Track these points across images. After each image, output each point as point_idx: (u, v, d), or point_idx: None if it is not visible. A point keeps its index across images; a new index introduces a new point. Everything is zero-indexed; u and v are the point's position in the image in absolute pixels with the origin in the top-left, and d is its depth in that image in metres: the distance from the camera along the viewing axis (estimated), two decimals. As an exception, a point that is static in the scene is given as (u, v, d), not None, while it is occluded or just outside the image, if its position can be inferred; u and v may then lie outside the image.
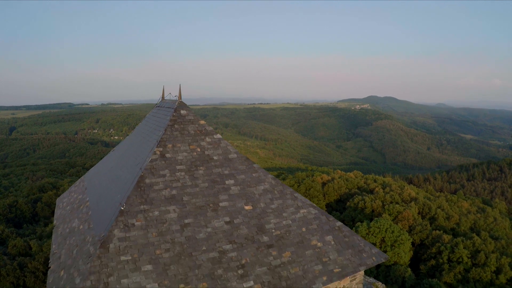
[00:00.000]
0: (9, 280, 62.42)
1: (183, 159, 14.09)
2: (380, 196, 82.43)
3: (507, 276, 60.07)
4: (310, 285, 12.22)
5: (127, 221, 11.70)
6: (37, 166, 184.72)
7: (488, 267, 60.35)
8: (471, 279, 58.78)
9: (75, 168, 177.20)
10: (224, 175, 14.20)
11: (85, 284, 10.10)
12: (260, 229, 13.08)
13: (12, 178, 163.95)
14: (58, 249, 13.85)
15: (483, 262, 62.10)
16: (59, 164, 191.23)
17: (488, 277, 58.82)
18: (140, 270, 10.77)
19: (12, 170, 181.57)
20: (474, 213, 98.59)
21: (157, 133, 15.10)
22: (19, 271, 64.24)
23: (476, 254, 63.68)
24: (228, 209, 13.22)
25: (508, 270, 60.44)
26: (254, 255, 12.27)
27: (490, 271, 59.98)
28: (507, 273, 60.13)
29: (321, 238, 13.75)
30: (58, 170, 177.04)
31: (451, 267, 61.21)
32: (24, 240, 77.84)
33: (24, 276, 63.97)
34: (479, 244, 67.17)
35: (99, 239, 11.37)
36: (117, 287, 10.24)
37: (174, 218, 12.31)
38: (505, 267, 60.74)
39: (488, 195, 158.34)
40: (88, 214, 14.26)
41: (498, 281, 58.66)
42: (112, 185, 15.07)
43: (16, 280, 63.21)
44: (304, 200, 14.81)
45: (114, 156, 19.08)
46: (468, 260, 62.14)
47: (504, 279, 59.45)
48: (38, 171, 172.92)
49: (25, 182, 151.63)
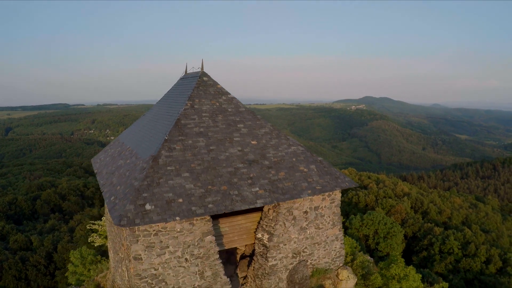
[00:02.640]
0: (11, 273, 63.60)
1: (207, 109, 19.14)
2: (373, 191, 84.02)
3: (497, 266, 61.76)
4: (298, 194, 17.28)
5: (170, 146, 16.76)
6: (34, 166, 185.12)
7: (478, 258, 62.02)
8: (461, 269, 60.39)
9: (72, 167, 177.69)
10: (236, 121, 19.30)
11: (143, 183, 14.97)
12: (262, 156, 18.14)
13: (9, 177, 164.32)
14: (107, 180, 18.35)
15: (473, 253, 63.73)
16: (56, 163, 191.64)
17: (478, 267, 60.50)
18: (180, 175, 15.88)
19: (9, 169, 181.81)
20: (466, 208, 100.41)
21: (186, 93, 19.89)
22: (21, 264, 65.50)
23: (466, 246, 65.32)
24: (240, 142, 18.34)
25: (497, 261, 62.13)
26: (259, 172, 17.32)
27: (480, 261, 61.66)
28: (497, 263, 61.83)
29: (307, 166, 18.73)
30: (55, 169, 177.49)
31: (442, 258, 62.81)
32: (25, 235, 79.06)
33: (26, 269, 65.22)
34: (470, 236, 68.84)
35: (151, 156, 16.21)
36: (165, 186, 15.25)
37: (202, 145, 17.42)
38: (495, 258, 62.42)
39: (481, 192, 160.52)
40: (132, 153, 18.91)
41: (488, 271, 60.31)
42: (150, 132, 19.94)
43: (18, 273, 64.42)
44: (294, 141, 19.76)
45: (147, 116, 24.08)
46: (459, 251, 63.75)
47: (493, 269, 61.11)
48: (36, 171, 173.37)
49: (22, 181, 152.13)
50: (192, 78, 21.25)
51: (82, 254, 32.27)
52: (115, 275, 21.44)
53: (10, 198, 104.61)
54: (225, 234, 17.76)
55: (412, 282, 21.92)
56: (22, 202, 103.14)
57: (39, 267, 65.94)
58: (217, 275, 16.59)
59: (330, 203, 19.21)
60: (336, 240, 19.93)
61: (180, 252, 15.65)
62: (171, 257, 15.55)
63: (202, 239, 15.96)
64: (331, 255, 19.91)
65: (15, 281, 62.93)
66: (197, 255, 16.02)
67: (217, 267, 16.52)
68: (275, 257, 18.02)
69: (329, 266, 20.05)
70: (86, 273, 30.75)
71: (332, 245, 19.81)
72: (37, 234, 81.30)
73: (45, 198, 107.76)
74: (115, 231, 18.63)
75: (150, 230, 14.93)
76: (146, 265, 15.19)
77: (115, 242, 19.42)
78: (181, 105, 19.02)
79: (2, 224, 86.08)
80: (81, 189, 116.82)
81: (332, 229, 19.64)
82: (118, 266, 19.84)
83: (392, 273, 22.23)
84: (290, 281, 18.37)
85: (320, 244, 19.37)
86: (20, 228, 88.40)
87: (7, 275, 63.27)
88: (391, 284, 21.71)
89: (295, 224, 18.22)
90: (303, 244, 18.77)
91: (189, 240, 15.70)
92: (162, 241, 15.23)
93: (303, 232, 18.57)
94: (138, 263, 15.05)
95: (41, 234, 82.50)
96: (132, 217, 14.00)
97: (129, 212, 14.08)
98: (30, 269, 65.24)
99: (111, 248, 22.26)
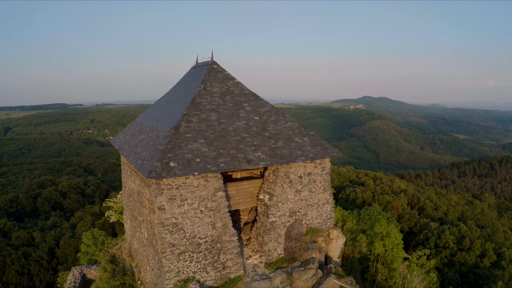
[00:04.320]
0: (14, 268, 64.34)
1: (217, 91, 22.66)
2: (370, 188, 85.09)
3: (491, 260, 62.91)
4: (294, 160, 20.73)
5: (188, 119, 20.32)
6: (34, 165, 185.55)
7: (473, 252, 63.17)
8: (456, 263, 61.52)
9: (71, 166, 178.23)
10: (241, 101, 22.89)
11: (167, 146, 18.40)
12: (264, 129, 21.62)
13: (9, 176, 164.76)
14: (131, 151, 21.92)
15: (468, 247, 64.90)
16: (56, 163, 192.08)
17: (473, 261, 61.64)
18: (197, 141, 19.38)
19: (9, 168, 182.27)
20: (462, 205, 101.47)
21: (200, 78, 23.45)
22: (24, 260, 66.31)
23: (461, 240, 66.48)
24: (245, 118, 21.88)
25: (492, 254, 63.29)
26: (261, 141, 20.81)
27: (475, 255, 62.80)
28: (491, 257, 62.98)
29: (301, 138, 22.18)
30: (55, 168, 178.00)
31: (438, 252, 63.93)
32: (27, 232, 79.89)
33: (29, 264, 65.93)
34: (465, 231, 70.01)
35: (173, 126, 19.70)
36: (185, 149, 18.78)
37: (214, 119, 20.95)
38: (489, 252, 63.57)
39: (478, 190, 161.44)
40: (153, 128, 22.33)
41: (482, 264, 61.47)
42: (168, 110, 23.57)
43: (20, 268, 65.15)
44: (290, 118, 23.15)
45: (161, 101, 27.62)
46: (454, 245, 64.89)
47: (488, 263, 62.27)
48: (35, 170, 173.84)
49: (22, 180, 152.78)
50: (203, 66, 24.81)
51: (94, 235, 34.40)
52: (132, 242, 25.46)
53: (11, 196, 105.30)
54: (232, 196, 21.12)
55: (394, 239, 24.33)
56: (23, 200, 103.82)
57: (42, 262, 66.74)
58: (227, 226, 19.74)
59: (321, 171, 22.50)
60: (327, 203, 23.09)
61: (196, 204, 18.91)
62: (189, 208, 18.78)
63: (215, 194, 19.29)
64: (322, 217, 23.03)
65: (18, 276, 63.66)
66: (210, 208, 19.28)
67: (227, 219, 19.75)
68: (275, 214, 21.27)
69: (321, 226, 22.96)
70: (97, 253, 32.52)
71: (323, 208, 22.96)
72: (39, 231, 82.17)
73: (46, 196, 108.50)
74: (135, 199, 22.61)
75: (173, 185, 18.20)
76: (168, 214, 18.35)
77: (134, 209, 23.39)
78: (196, 87, 22.47)
79: (3, 221, 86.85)
80: (81, 187, 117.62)
81: (323, 193, 22.78)
82: (135, 231, 23.86)
83: (376, 231, 24.96)
84: (288, 237, 21.48)
85: (313, 206, 22.52)
86: (21, 225, 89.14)
87: (10, 270, 64.02)
88: (376, 241, 24.33)
89: (291, 187, 21.56)
90: (298, 205, 22.00)
91: (204, 194, 19.04)
92: (182, 194, 18.49)
93: (298, 194, 21.89)
94: (162, 213, 18.22)
95: (43, 230, 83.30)
96: (159, 172, 17.31)
97: (157, 167, 17.38)
98: (33, 264, 66.01)
99: (128, 218, 26.35)
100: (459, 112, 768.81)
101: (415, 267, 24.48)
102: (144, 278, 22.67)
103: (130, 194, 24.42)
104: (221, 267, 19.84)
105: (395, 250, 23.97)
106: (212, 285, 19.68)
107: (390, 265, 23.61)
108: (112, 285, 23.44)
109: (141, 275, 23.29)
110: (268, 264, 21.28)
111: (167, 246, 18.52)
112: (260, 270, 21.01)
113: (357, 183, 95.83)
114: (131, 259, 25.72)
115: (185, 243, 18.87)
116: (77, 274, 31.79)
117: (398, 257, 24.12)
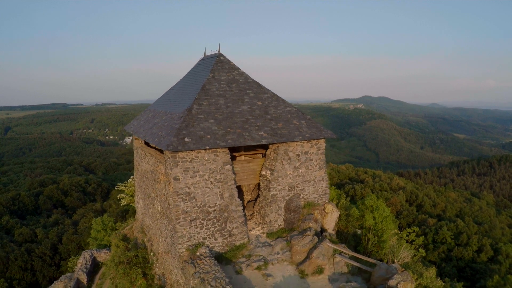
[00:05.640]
0: (17, 264, 65.40)
1: (224, 79, 25.21)
2: (369, 185, 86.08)
3: (488, 255, 63.91)
4: (292, 139, 23.16)
5: (199, 102, 22.77)
6: (35, 164, 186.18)
7: (470, 247, 64.17)
8: (453, 258, 62.52)
9: (72, 165, 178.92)
10: (246, 88, 25.41)
11: (182, 125, 20.83)
12: (266, 112, 24.16)
13: (10, 175, 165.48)
14: (147, 133, 24.38)
15: (465, 242, 65.85)
16: (57, 162, 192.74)
17: (470, 256, 62.64)
18: (208, 121, 21.78)
19: (10, 167, 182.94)
20: (460, 202, 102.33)
21: (208, 68, 25.99)
22: (27, 256, 67.21)
23: (459, 236, 67.46)
24: (249, 102, 24.40)
25: (489, 250, 64.29)
26: (263, 122, 23.27)
27: (472, 250, 63.82)
28: (488, 252, 63.99)
29: (298, 121, 24.53)
30: (56, 167, 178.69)
31: (435, 247, 64.83)
32: (30, 229, 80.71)
33: (32, 260, 66.97)
34: (462, 226, 70.94)
35: (186, 109, 22.22)
36: (197, 127, 21.20)
37: (222, 103, 23.43)
38: (486, 247, 64.57)
39: (477, 188, 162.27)
40: (166, 113, 24.93)
41: (479, 259, 62.43)
42: (180, 97, 26.19)
43: (24, 264, 66.19)
44: (289, 104, 25.74)
45: (172, 90, 30.24)
46: (451, 240, 65.87)
47: (485, 257, 63.28)
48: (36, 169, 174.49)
49: (23, 179, 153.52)
50: (211, 58, 27.67)
51: (103, 221, 36.64)
52: (144, 219, 28.47)
53: (13, 194, 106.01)
54: (237, 173, 23.45)
55: (382, 212, 26.81)
56: (25, 198, 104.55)
57: (45, 258, 67.62)
58: (233, 197, 22.11)
59: (317, 150, 24.90)
60: (322, 180, 25.41)
61: (207, 176, 21.30)
62: (200, 179, 21.18)
63: (223, 167, 21.72)
64: (318, 192, 25.31)
65: (21, 272, 64.49)
66: (219, 180, 21.66)
67: (233, 190, 22.14)
68: (275, 188, 23.63)
69: (317, 201, 25.22)
70: (106, 238, 34.56)
71: (319, 184, 25.26)
72: (42, 228, 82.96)
73: (48, 194, 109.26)
74: (149, 178, 25.65)
75: (186, 158, 20.70)
76: (182, 184, 20.72)
77: (147, 188, 26.28)
78: (205, 76, 25.12)
79: (6, 218, 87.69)
80: (82, 185, 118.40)
81: (319, 171, 25.14)
82: (148, 209, 26.86)
83: (367, 204, 27.67)
84: (287, 209, 23.88)
85: (309, 182, 24.84)
86: (24, 222, 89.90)
87: (13, 266, 64.85)
88: (366, 213, 26.77)
89: (290, 163, 23.92)
90: (296, 180, 24.32)
91: (213, 167, 21.46)
92: (194, 167, 20.93)
93: (297, 170, 24.24)
94: (177, 183, 20.62)
95: (45, 227, 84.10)
96: (176, 145, 19.76)
97: (174, 142, 19.86)
98: (36, 260, 66.85)
99: (140, 198, 29.35)
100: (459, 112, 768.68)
101: (405, 242, 25.86)
102: (156, 250, 25.00)
103: (144, 174, 27.16)
104: (228, 234, 22.04)
105: (384, 223, 26.11)
106: (220, 251, 21.78)
107: (380, 237, 25.61)
108: (127, 256, 25.58)
109: (153, 247, 25.62)
110: (270, 234, 23.49)
111: (181, 213, 20.80)
112: (263, 239, 23.08)
113: (356, 181, 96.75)
114: (143, 235, 28.10)
115: (196, 210, 21.14)
116: (88, 257, 34.03)
117: (388, 229, 26.18)
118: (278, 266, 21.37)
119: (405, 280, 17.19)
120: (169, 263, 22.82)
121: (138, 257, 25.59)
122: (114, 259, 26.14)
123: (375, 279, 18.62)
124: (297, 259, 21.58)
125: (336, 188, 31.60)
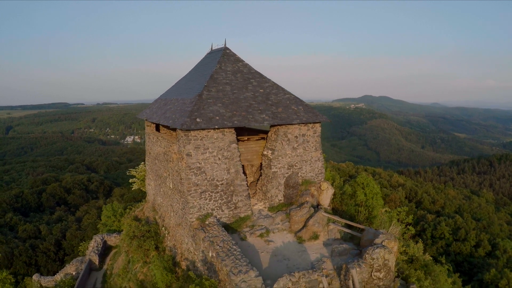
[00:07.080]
0: (21, 259, 66.58)
1: (230, 70, 27.93)
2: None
3: (486, 250, 64.87)
4: (291, 121, 25.80)
5: (208, 89, 25.43)
6: (37, 163, 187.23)
7: (468, 242, 65.12)
8: (452, 253, 63.48)
9: (74, 164, 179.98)
10: (249, 78, 28.09)
11: (193, 108, 23.52)
12: (267, 98, 26.81)
13: (12, 174, 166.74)
14: (161, 117, 27.26)
15: (463, 237, 66.76)
16: (59, 160, 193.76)
17: (468, 251, 63.62)
18: (216, 105, 24.40)
19: (12, 166, 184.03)
20: (460, 199, 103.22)
21: (216, 60, 28.74)
22: (31, 251, 68.22)
23: (457, 231, 68.40)
24: (252, 90, 27.03)
25: (487, 245, 65.27)
26: (265, 107, 25.89)
27: (470, 245, 64.77)
28: (486, 247, 64.95)
29: (296, 106, 27.09)
30: (58, 166, 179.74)
31: (434, 242, 65.71)
32: (33, 225, 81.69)
33: (36, 256, 68.05)
34: (461, 222, 71.91)
35: (197, 94, 24.89)
36: (207, 110, 23.81)
37: (228, 90, 26.12)
38: (484, 242, 65.54)
39: (476, 186, 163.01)
40: (178, 99, 27.80)
41: (477, 254, 63.33)
42: (190, 85, 28.91)
43: (28, 259, 67.29)
44: (288, 92, 28.19)
45: (182, 81, 32.98)
46: (450, 236, 66.77)
47: (483, 252, 64.25)
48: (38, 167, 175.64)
49: (26, 177, 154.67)
50: (217, 51, 30.64)
51: (113, 208, 40.12)
52: (156, 198, 31.42)
53: (17, 191, 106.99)
54: (242, 153, 26.29)
55: (372, 188, 29.20)
56: (28, 195, 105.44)
57: (49, 254, 68.63)
58: (238, 172, 24.76)
59: (313, 133, 27.47)
60: (318, 160, 27.95)
61: (215, 152, 23.98)
62: (210, 156, 23.85)
63: (229, 146, 24.39)
64: (315, 171, 27.87)
65: (26, 267, 65.50)
66: (226, 156, 24.33)
67: (238, 166, 24.78)
68: (276, 166, 26.25)
69: (313, 179, 27.63)
70: (116, 223, 36.95)
71: (315, 164, 27.80)
72: (45, 224, 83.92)
73: (51, 192, 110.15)
74: (161, 159, 28.61)
75: (198, 136, 23.40)
76: (194, 160, 23.40)
77: (159, 169, 29.33)
78: (213, 67, 27.88)
79: (10, 215, 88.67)
80: (85, 183, 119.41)
81: (315, 152, 27.74)
82: (159, 188, 29.81)
83: (358, 181, 30.10)
84: (286, 185, 26.61)
85: (306, 162, 27.38)
86: (27, 219, 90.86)
87: (17, 261, 65.80)
88: (358, 190, 29.29)
89: (289, 144, 26.57)
90: (294, 160, 26.91)
91: (221, 145, 24.13)
92: (204, 144, 23.64)
93: (295, 150, 26.87)
94: (189, 158, 23.35)
95: (49, 224, 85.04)
96: (189, 124, 22.46)
97: (187, 122, 22.57)
98: (40, 255, 67.86)
99: (151, 180, 32.46)
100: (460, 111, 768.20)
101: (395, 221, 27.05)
102: (168, 224, 27.71)
103: (156, 157, 30.31)
104: (233, 207, 24.63)
105: (374, 199, 28.57)
106: (226, 222, 24.32)
107: (371, 212, 28.16)
108: (141, 230, 28.20)
109: (164, 222, 28.34)
110: (271, 208, 26.09)
111: (192, 185, 23.37)
112: (265, 212, 25.76)
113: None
114: (154, 213, 30.90)
115: (206, 184, 23.75)
116: (99, 240, 36.46)
117: (378, 205, 28.60)
118: (278, 234, 23.96)
119: (389, 239, 19.19)
120: (180, 234, 25.31)
121: (150, 232, 28.17)
122: (129, 234, 28.53)
123: (364, 242, 20.86)
124: (295, 228, 24.00)
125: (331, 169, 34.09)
